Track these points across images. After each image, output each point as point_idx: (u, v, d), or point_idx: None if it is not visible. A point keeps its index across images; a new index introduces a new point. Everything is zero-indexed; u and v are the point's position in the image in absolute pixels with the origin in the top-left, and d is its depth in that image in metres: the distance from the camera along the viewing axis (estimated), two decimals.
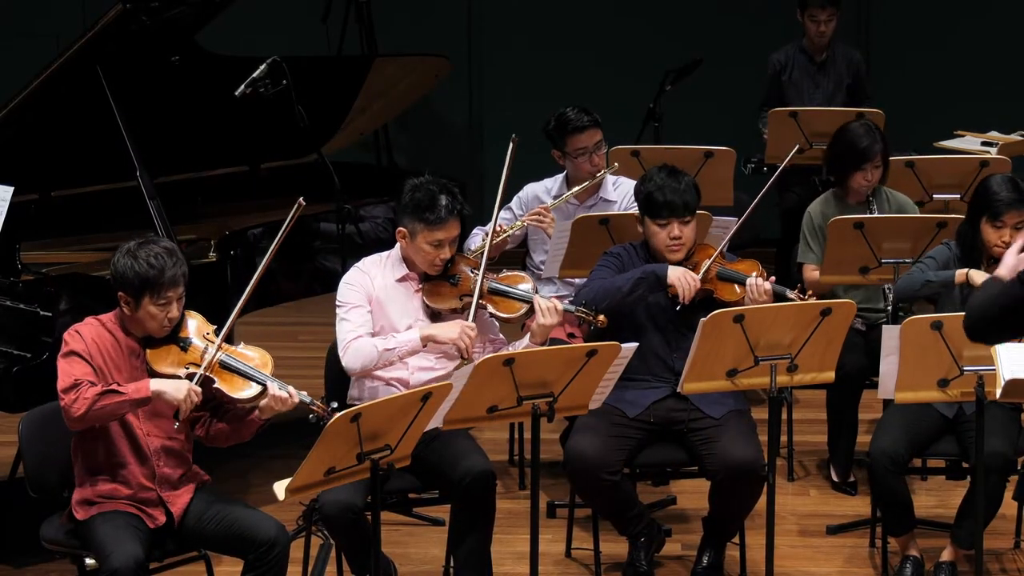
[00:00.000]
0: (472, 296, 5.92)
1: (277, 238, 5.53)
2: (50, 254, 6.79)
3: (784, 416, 7.26)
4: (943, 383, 5.70)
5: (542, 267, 7.13)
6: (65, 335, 5.34)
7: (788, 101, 8.70)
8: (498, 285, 5.99)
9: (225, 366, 5.40)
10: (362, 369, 5.87)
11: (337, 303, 5.98)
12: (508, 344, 6.06)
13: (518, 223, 7.05)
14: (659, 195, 6.11)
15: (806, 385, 5.97)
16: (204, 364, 5.34)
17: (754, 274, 6.09)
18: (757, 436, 6.08)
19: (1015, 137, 8.37)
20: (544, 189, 7.28)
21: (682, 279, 6.04)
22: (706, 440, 6.07)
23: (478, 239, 6.96)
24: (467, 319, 5.89)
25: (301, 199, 5.58)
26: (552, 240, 6.98)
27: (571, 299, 6.21)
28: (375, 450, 5.13)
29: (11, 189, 6.29)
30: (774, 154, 8.24)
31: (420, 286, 6.00)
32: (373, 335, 5.92)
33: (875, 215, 6.86)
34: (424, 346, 5.86)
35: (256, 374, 5.40)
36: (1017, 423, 6.14)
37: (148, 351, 5.38)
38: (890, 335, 5.68)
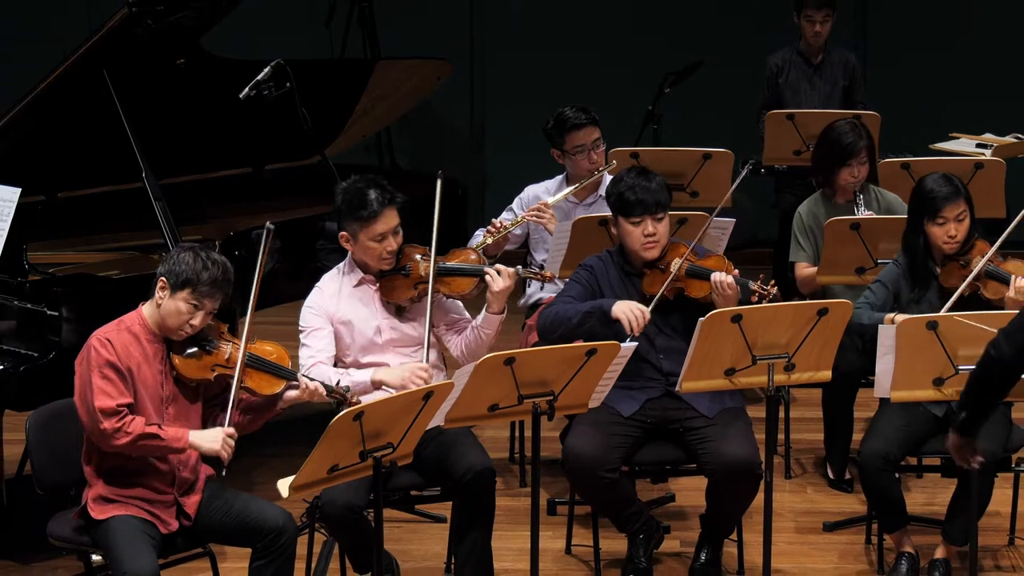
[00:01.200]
0: (426, 283, 5.91)
1: (257, 270, 5.54)
2: (57, 254, 6.79)
3: (781, 414, 7.25)
4: (938, 382, 5.70)
5: (543, 266, 7.13)
6: (93, 342, 5.30)
7: (785, 103, 8.70)
8: (449, 265, 5.98)
9: (252, 365, 5.42)
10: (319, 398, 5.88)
11: (299, 327, 5.94)
12: (471, 321, 6.06)
13: (518, 219, 7.07)
14: (631, 194, 6.09)
15: (803, 384, 5.97)
16: (237, 377, 5.34)
17: (719, 271, 6.05)
18: (752, 435, 6.07)
19: (1009, 139, 8.37)
20: (544, 189, 7.29)
21: (628, 313, 5.97)
22: (702, 439, 6.06)
23: (478, 239, 6.97)
24: (425, 332, 5.86)
25: (269, 223, 5.59)
26: (553, 240, 6.99)
27: (539, 328, 6.22)
28: (377, 448, 5.13)
29: (18, 190, 6.29)
30: (772, 155, 8.24)
31: (376, 284, 5.99)
32: (336, 359, 5.92)
33: (869, 216, 6.86)
34: (376, 388, 5.82)
35: (282, 370, 5.43)
36: (1008, 421, 6.14)
37: (175, 359, 5.37)
38: (886, 335, 5.67)
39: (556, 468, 6.81)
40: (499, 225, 6.99)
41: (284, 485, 5.05)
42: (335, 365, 5.93)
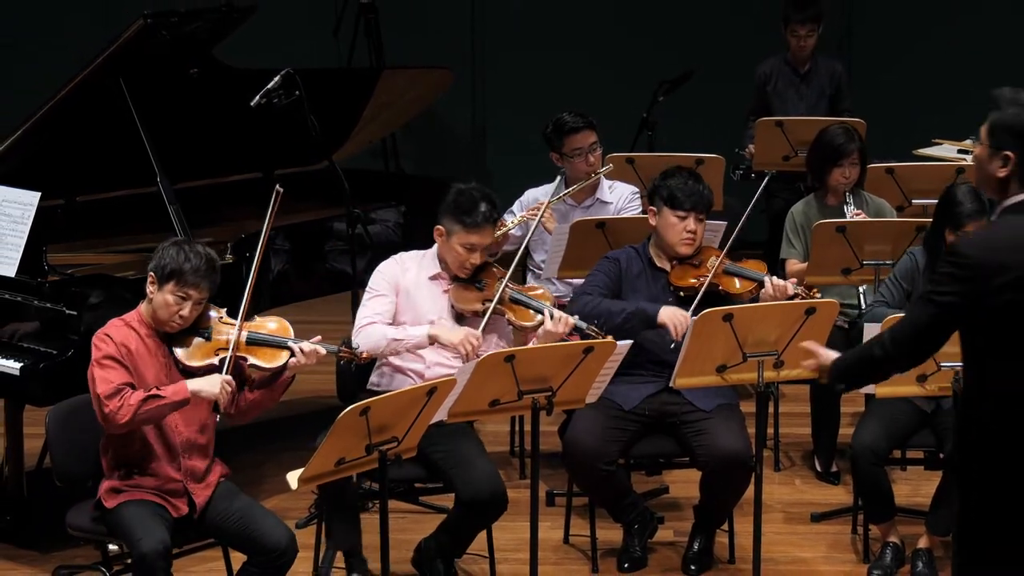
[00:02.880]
0: (493, 301, 5.94)
1: (265, 225, 5.60)
2: (75, 256, 6.79)
3: (771, 409, 7.26)
4: (922, 379, 5.71)
5: (542, 266, 7.15)
6: (95, 340, 5.33)
7: (773, 111, 8.71)
8: (518, 295, 6.01)
9: (252, 341, 5.44)
10: (369, 351, 5.86)
11: (367, 288, 5.99)
12: None
13: (517, 219, 7.08)
14: (682, 191, 6.15)
15: (791, 380, 5.98)
16: (232, 346, 5.37)
17: (765, 274, 6.15)
18: (745, 428, 6.09)
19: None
20: (544, 192, 7.30)
21: (674, 319, 6.02)
22: (697, 432, 6.08)
23: None
24: (480, 325, 5.90)
25: (279, 186, 5.64)
26: (551, 242, 7.01)
27: (578, 313, 6.22)
28: (383, 442, 5.13)
29: (38, 195, 6.30)
30: (761, 161, 8.25)
31: (449, 286, 6.02)
32: (392, 324, 5.94)
33: (859, 216, 6.87)
34: (430, 344, 5.86)
35: (281, 340, 5.45)
36: None
37: (177, 350, 5.39)
38: (871, 333, 5.68)
39: (555, 461, 6.83)
40: (500, 225, 7.00)
41: (293, 477, 5.06)
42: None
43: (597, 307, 6.09)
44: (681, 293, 6.18)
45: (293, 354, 5.43)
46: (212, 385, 5.30)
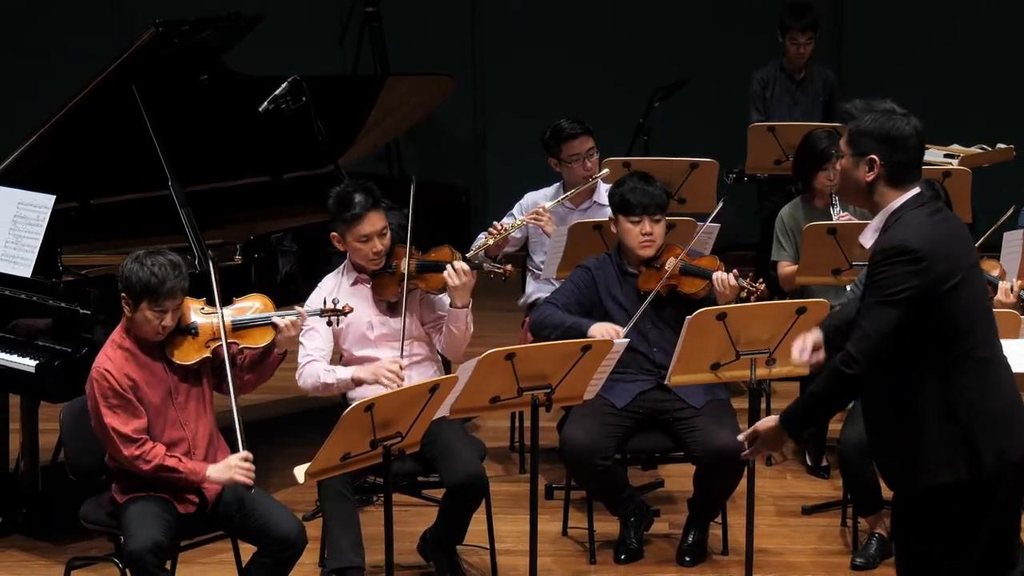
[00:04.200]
0: (404, 281, 5.95)
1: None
2: (89, 257, 6.79)
3: (763, 406, 7.27)
4: None
5: (541, 267, 7.16)
6: (94, 375, 5.27)
7: (769, 117, 8.72)
8: (421, 262, 6.00)
9: (238, 326, 5.45)
10: (312, 391, 5.95)
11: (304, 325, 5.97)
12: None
13: (517, 222, 7.09)
14: (632, 196, 6.16)
15: (783, 377, 5.99)
16: (222, 335, 5.36)
17: (717, 270, 6.12)
18: (737, 424, 6.09)
19: (975, 150, 8.37)
20: (543, 195, 7.32)
21: (604, 333, 6.01)
22: (690, 428, 6.09)
23: (480, 241, 7.00)
24: (402, 323, 5.91)
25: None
26: (550, 243, 7.02)
27: (535, 321, 6.25)
28: (387, 437, 5.14)
29: (53, 198, 6.31)
30: (754, 165, 8.26)
31: (370, 283, 6.03)
32: (331, 357, 6.00)
33: (847, 219, 6.88)
34: (356, 385, 5.88)
35: (265, 318, 5.47)
36: None
37: (171, 353, 5.37)
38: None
39: (553, 456, 6.83)
40: (500, 228, 7.02)
41: (300, 471, 5.07)
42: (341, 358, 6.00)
43: (547, 318, 6.17)
44: (646, 296, 6.16)
45: (279, 329, 5.44)
46: (228, 470, 5.30)
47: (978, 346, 4.34)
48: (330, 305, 5.66)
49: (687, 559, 6.25)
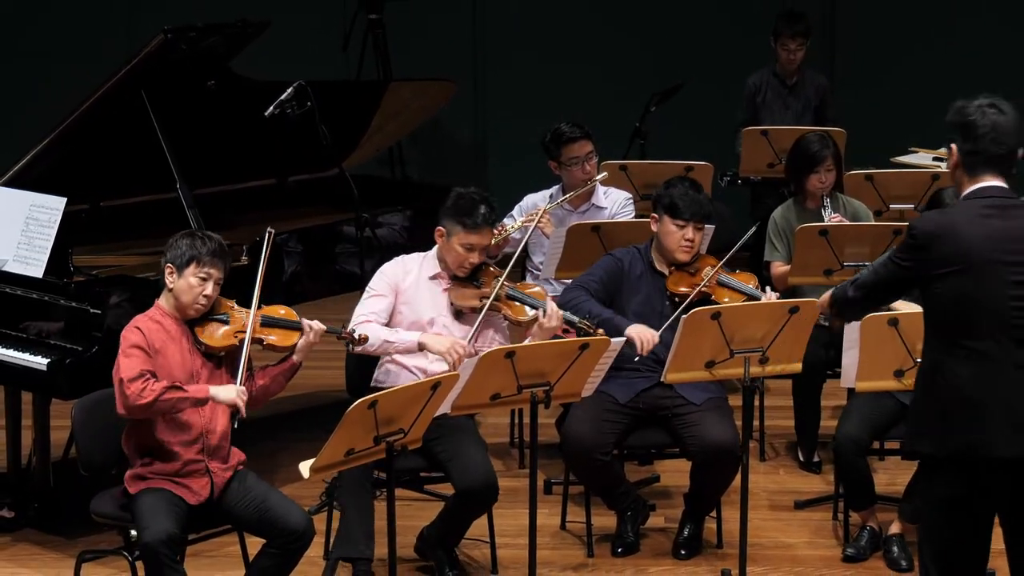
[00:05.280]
0: (490, 298, 5.95)
1: (260, 269, 5.65)
2: (99, 258, 6.80)
3: (756, 403, 7.27)
4: (899, 373, 5.73)
5: (540, 267, 7.16)
6: (124, 332, 5.37)
7: (761, 121, 8.72)
8: (514, 291, 6.03)
9: (267, 323, 5.54)
10: (361, 350, 5.89)
11: (368, 287, 6.00)
12: None
13: (518, 223, 7.09)
14: (682, 201, 6.15)
15: (776, 375, 5.99)
16: (249, 327, 5.46)
17: (755, 287, 6.18)
18: (733, 421, 6.10)
19: None
20: (542, 198, 7.31)
21: (641, 336, 6.02)
22: (687, 425, 6.09)
23: None
24: (475, 322, 5.90)
25: (270, 228, 5.77)
26: (549, 245, 7.02)
27: (561, 303, 6.23)
28: (390, 433, 5.15)
29: (64, 200, 6.32)
30: (747, 168, 8.26)
31: (448, 285, 6.03)
32: (388, 324, 5.95)
33: (838, 220, 6.88)
34: (420, 350, 5.87)
35: (294, 322, 5.56)
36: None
37: (200, 335, 5.44)
38: (851, 330, 5.70)
39: (552, 451, 6.84)
40: (500, 229, 7.02)
41: (305, 467, 5.07)
42: None
43: (579, 305, 6.10)
44: (676, 299, 6.18)
45: (303, 333, 5.51)
46: (229, 392, 5.35)
47: (979, 339, 4.41)
48: (348, 330, 5.68)
49: (683, 552, 6.26)
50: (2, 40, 10.68)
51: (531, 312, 5.96)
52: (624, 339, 5.76)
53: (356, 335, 5.67)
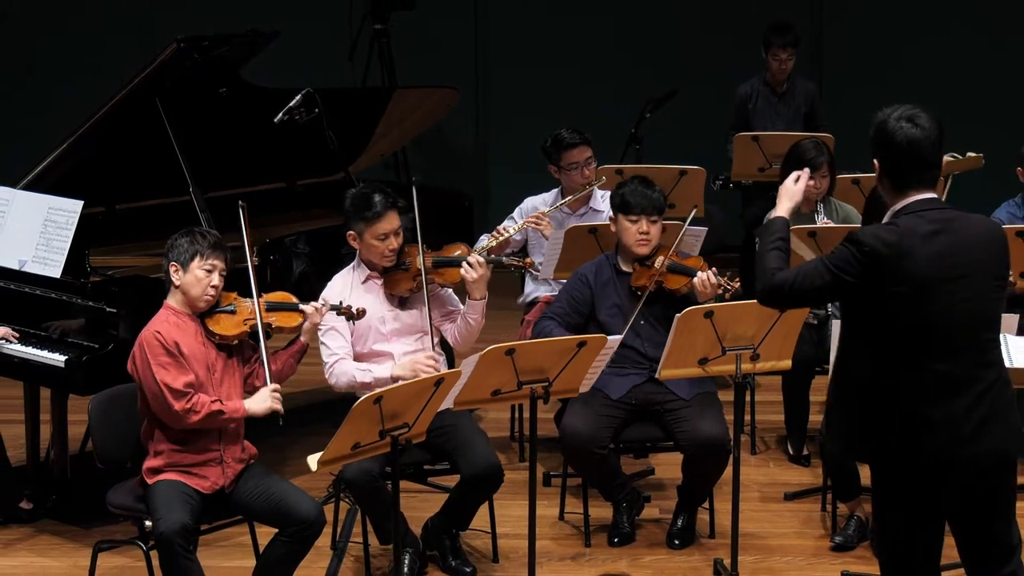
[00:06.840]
0: (422, 275, 5.95)
1: (246, 240, 5.72)
2: (115, 259, 6.81)
3: (747, 398, 7.28)
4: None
5: (540, 268, 7.17)
6: (146, 340, 5.34)
7: (752, 127, 8.73)
8: (439, 259, 6.02)
9: (272, 308, 5.59)
10: (347, 388, 5.91)
11: (321, 323, 5.91)
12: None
13: (518, 225, 7.11)
14: (632, 197, 6.17)
15: (767, 372, 5.99)
16: (259, 314, 5.51)
17: (700, 269, 6.14)
18: (723, 416, 6.11)
19: (947, 158, 8.38)
20: (541, 200, 7.33)
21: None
22: (679, 419, 6.10)
23: (483, 242, 7.01)
24: (424, 301, 5.91)
25: (242, 202, 5.78)
26: (547, 246, 7.03)
27: (536, 335, 6.26)
28: (395, 427, 5.16)
29: (81, 203, 6.33)
30: (739, 172, 8.28)
31: (380, 280, 6.03)
32: (352, 353, 5.95)
33: (826, 224, 6.90)
34: (394, 382, 5.78)
35: (293, 304, 5.63)
36: None
37: (212, 328, 5.46)
38: (839, 328, 5.69)
39: (551, 445, 6.85)
40: (501, 231, 7.04)
41: (313, 460, 5.08)
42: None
43: (550, 335, 6.13)
44: (639, 293, 6.20)
45: (305, 315, 5.55)
46: (263, 402, 5.40)
47: (938, 360, 4.29)
48: (346, 305, 5.72)
49: (676, 542, 6.27)
50: (22, 50, 10.70)
51: (460, 272, 5.97)
52: (620, 338, 5.77)
53: (354, 309, 5.73)
